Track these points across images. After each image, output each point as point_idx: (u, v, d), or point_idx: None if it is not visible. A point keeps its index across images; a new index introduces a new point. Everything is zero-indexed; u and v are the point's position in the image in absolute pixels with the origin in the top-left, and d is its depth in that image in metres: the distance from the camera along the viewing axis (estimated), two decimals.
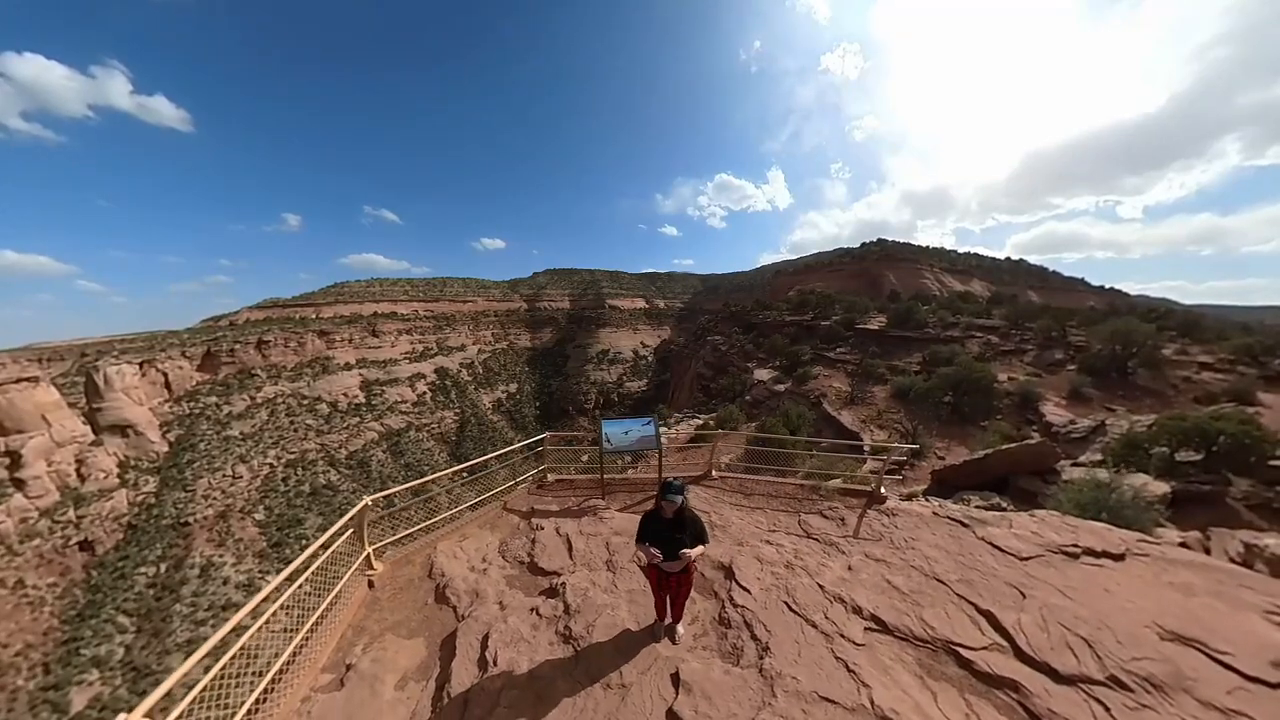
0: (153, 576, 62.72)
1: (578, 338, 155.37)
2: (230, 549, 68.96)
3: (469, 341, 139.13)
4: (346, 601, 6.03)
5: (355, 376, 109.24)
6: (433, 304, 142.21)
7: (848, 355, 39.52)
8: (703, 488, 9.07)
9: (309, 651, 5.17)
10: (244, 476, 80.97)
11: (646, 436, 8.71)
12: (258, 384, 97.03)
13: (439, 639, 5.42)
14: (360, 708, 4.50)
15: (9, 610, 55.86)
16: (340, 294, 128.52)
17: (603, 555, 6.68)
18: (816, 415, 27.94)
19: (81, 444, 74.37)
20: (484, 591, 6.06)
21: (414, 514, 8.00)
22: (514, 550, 7.07)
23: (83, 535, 64.61)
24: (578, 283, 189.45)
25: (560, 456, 10.51)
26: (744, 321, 72.98)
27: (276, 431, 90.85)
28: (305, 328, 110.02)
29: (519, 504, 8.70)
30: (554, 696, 4.28)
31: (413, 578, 6.67)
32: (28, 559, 60.48)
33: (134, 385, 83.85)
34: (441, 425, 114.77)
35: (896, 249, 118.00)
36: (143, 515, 69.63)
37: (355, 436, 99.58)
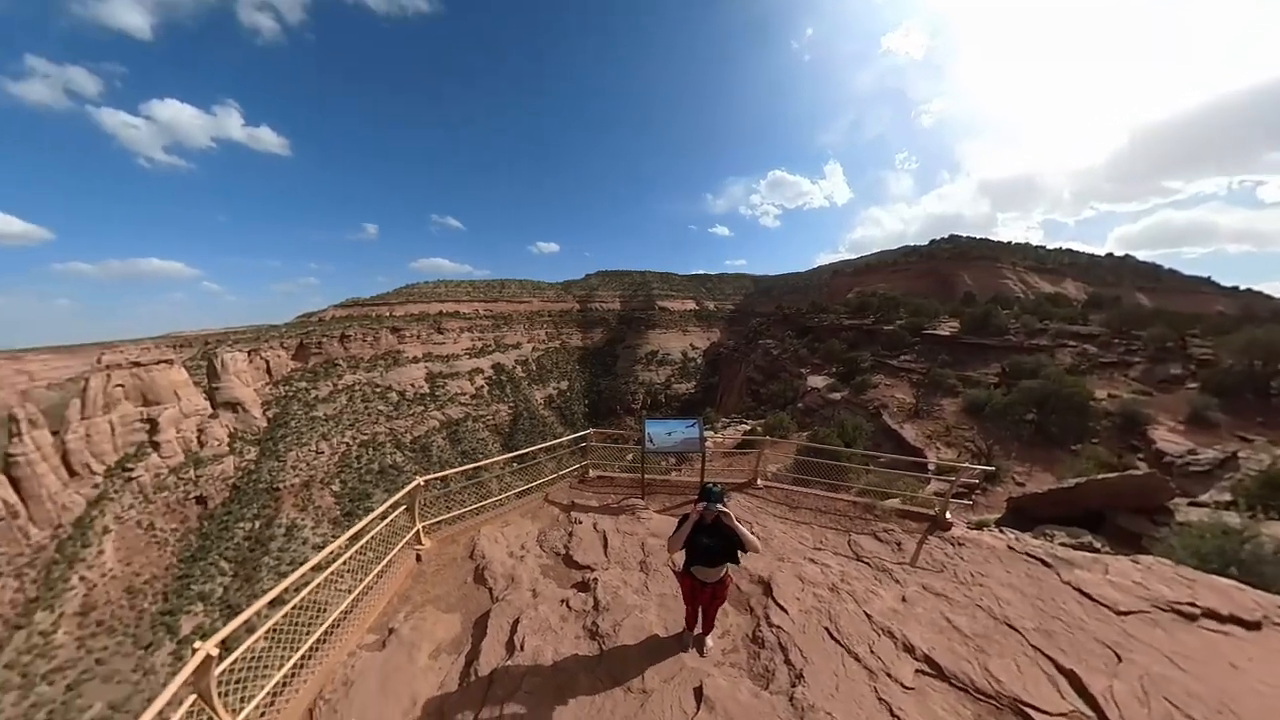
0: (248, 531, 72.27)
1: (627, 338, 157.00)
2: (310, 514, 77.45)
3: (524, 340, 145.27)
4: (396, 571, 6.42)
5: (421, 369, 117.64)
6: (492, 304, 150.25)
7: (913, 363, 36.34)
8: (746, 496, 8.74)
9: (359, 611, 5.60)
10: (325, 452, 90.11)
11: (690, 439, 8.50)
12: (339, 373, 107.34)
13: (473, 617, 5.59)
14: (396, 670, 4.75)
15: (142, 546, 67.02)
16: (411, 294, 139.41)
17: (637, 555, 6.59)
18: (875, 427, 26.09)
19: (202, 416, 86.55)
20: (519, 578, 6.18)
21: (464, 497, 8.38)
22: (551, 541, 7.17)
23: (199, 491, 75.48)
24: (628, 284, 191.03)
25: (604, 453, 10.52)
26: (798, 325, 69.81)
27: (353, 415, 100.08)
28: (380, 324, 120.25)
29: (560, 496, 8.83)
30: (574, 690, 4.26)
31: (456, 556, 6.95)
32: (158, 507, 71.89)
33: (243, 370, 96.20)
34: (496, 417, 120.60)
35: (972, 246, 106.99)
36: (244, 479, 79.92)
37: (419, 423, 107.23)
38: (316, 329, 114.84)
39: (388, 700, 4.40)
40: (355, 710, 4.29)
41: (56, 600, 58.08)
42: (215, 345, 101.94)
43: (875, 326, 51.45)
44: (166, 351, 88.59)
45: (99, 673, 52.51)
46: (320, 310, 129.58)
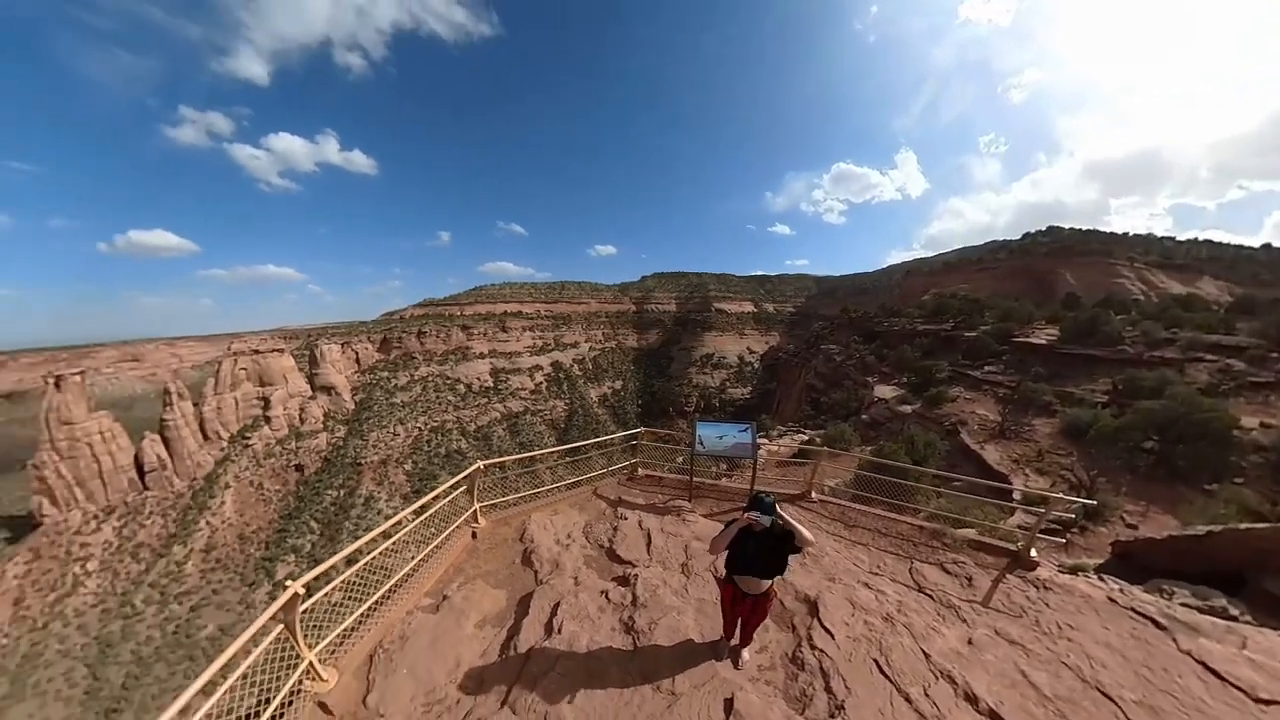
0: (334, 498, 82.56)
1: (683, 340, 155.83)
2: (385, 488, 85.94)
3: (582, 339, 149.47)
4: (453, 545, 6.95)
5: (486, 364, 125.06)
6: (552, 305, 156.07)
7: (1000, 375, 32.50)
8: (799, 509, 8.38)
9: (419, 577, 6.13)
10: (400, 435, 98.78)
11: (742, 444, 8.30)
12: (415, 365, 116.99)
13: (518, 595, 5.86)
14: (445, 633, 5.14)
15: (252, 502, 78.35)
16: (479, 296, 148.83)
17: (679, 557, 6.54)
18: (950, 446, 23.73)
19: (304, 397, 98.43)
20: (563, 564, 6.39)
21: (518, 484, 8.82)
22: (596, 534, 7.33)
23: (298, 461, 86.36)
24: (685, 286, 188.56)
25: (653, 453, 10.52)
26: (865, 329, 65.32)
27: (426, 403, 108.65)
28: (451, 323, 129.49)
29: (608, 491, 8.99)
30: (604, 679, 4.31)
31: (507, 537, 7.34)
32: (266, 470, 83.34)
33: (337, 360, 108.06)
34: (552, 413, 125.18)
35: (1076, 239, 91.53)
36: (334, 453, 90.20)
37: (482, 414, 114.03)
38: (397, 326, 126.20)
39: (436, 658, 4.75)
40: (408, 662, 4.68)
41: (188, 538, 69.25)
42: (316, 338, 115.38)
43: (955, 332, 46.63)
44: (279, 342, 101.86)
45: (214, 600, 62.77)
46: (401, 309, 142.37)
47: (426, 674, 4.57)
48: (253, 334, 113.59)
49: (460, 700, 4.29)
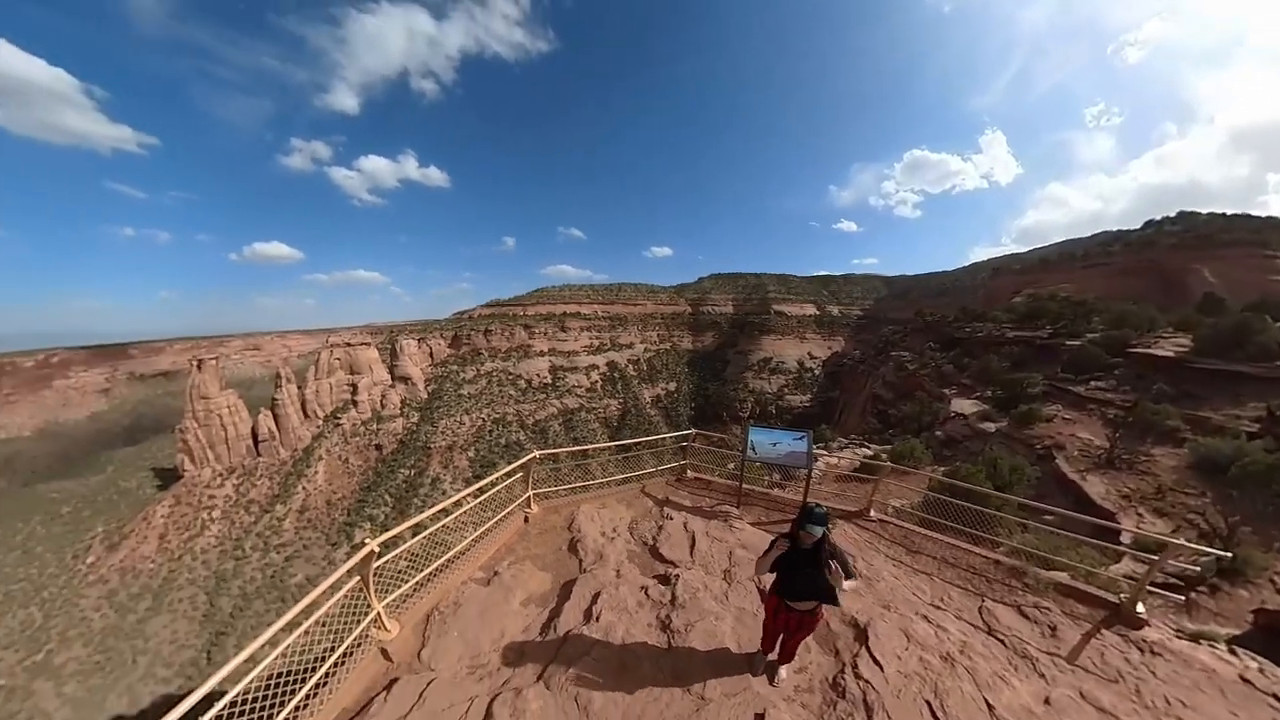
0: (405, 477, 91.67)
1: (739, 343, 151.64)
2: (450, 471, 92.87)
3: (637, 340, 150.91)
4: (507, 527, 7.43)
5: (546, 362, 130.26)
6: (609, 306, 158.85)
7: (1110, 393, 27.59)
8: (856, 527, 7.92)
9: (475, 552, 6.65)
10: (465, 424, 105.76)
11: (796, 452, 7.99)
12: (482, 361, 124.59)
13: (562, 580, 6.10)
14: (494, 606, 5.50)
15: (339, 473, 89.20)
16: (541, 297, 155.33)
17: (723, 563, 6.46)
18: (1042, 473, 20.88)
19: (385, 386, 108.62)
20: (607, 556, 6.55)
21: (570, 476, 9.20)
22: (641, 531, 7.43)
23: (378, 441, 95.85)
24: (742, 287, 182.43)
25: (704, 456, 10.45)
26: (942, 335, 59.41)
27: (489, 396, 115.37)
28: (515, 322, 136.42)
29: (656, 491, 9.06)
30: (636, 673, 4.35)
31: (556, 525, 7.67)
32: (352, 447, 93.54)
33: (414, 353, 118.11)
34: (606, 411, 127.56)
35: (1218, 226, 73.62)
36: (408, 436, 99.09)
37: (540, 409, 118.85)
38: (466, 324, 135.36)
39: (483, 627, 5.13)
40: (459, 626, 5.11)
41: (288, 499, 79.79)
42: (396, 334, 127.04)
43: (1053, 340, 40.71)
44: (366, 337, 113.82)
45: (303, 553, 72.99)
46: (470, 309, 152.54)
47: (474, 639, 4.93)
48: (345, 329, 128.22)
49: (500, 668, 4.56)
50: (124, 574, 64.52)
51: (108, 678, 51.92)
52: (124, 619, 58.56)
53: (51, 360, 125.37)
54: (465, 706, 4.03)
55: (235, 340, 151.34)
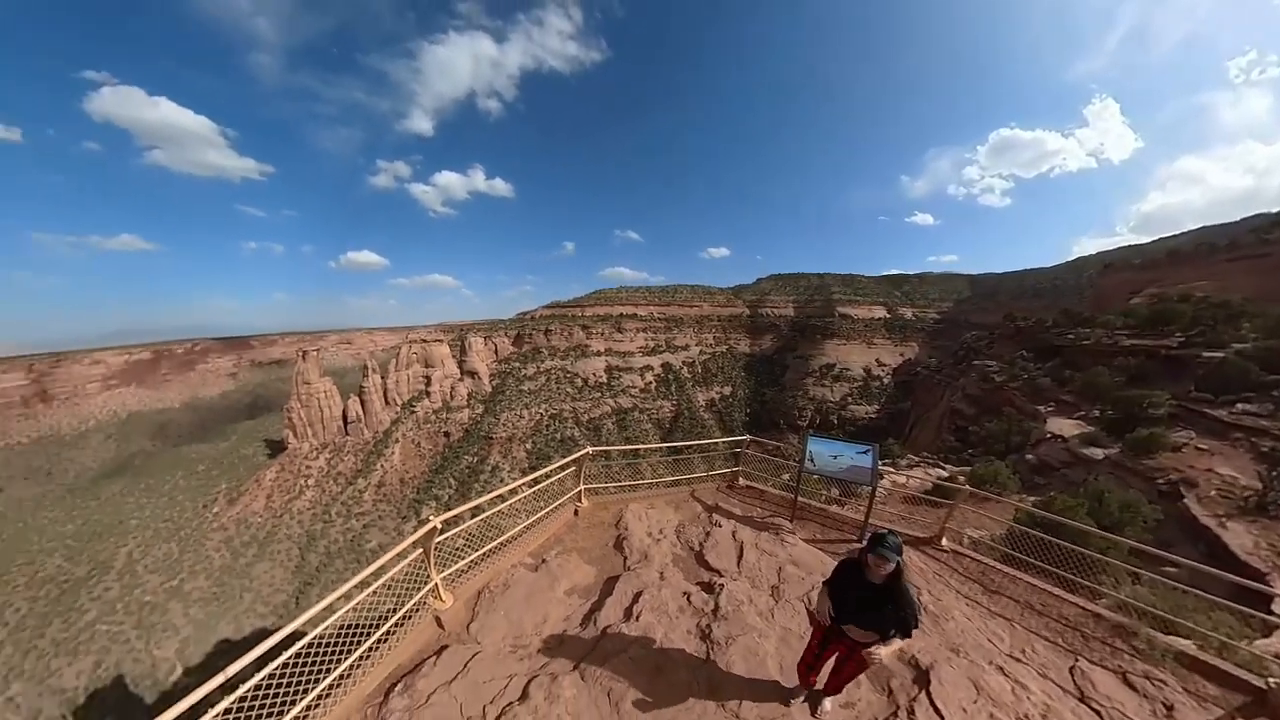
0: (468, 463, 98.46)
1: (799, 347, 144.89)
2: (508, 461, 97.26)
3: (692, 342, 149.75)
4: (557, 518, 7.70)
5: (602, 362, 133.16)
6: (665, 308, 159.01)
7: (1265, 419, 21.92)
8: (924, 556, 7.17)
9: (525, 538, 6.96)
10: (525, 418, 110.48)
11: (859, 468, 7.41)
12: (542, 359, 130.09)
13: (605, 575, 6.21)
14: (539, 591, 5.76)
15: (412, 455, 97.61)
16: (598, 299, 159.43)
17: (771, 578, 6.18)
18: (1165, 514, 16.84)
19: (454, 379, 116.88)
20: (652, 557, 6.56)
21: (620, 474, 9.32)
22: (688, 535, 7.33)
23: (446, 429, 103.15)
24: (803, 288, 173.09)
25: (757, 464, 10.04)
26: (1038, 342, 52.17)
27: (548, 393, 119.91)
28: (573, 322, 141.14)
29: (706, 496, 8.92)
30: (671, 678, 4.31)
31: (604, 521, 7.79)
32: (424, 432, 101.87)
33: (481, 350, 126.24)
34: (659, 413, 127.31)
35: None
36: (473, 426, 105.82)
37: (595, 407, 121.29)
38: (529, 324, 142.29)
39: (528, 610, 5.38)
40: (505, 605, 5.42)
41: (368, 474, 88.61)
42: (465, 332, 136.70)
43: (1186, 351, 33.46)
44: (439, 334, 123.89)
45: (378, 523, 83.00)
46: (532, 310, 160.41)
47: (518, 620, 5.18)
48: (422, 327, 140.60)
49: (540, 651, 4.75)
50: (238, 524, 75.85)
51: (220, 607, 61.62)
52: (236, 561, 68.87)
53: (195, 349, 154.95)
54: (505, 683, 4.25)
55: (332, 335, 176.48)
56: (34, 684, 50.90)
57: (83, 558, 67.42)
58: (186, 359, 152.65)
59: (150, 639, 55.95)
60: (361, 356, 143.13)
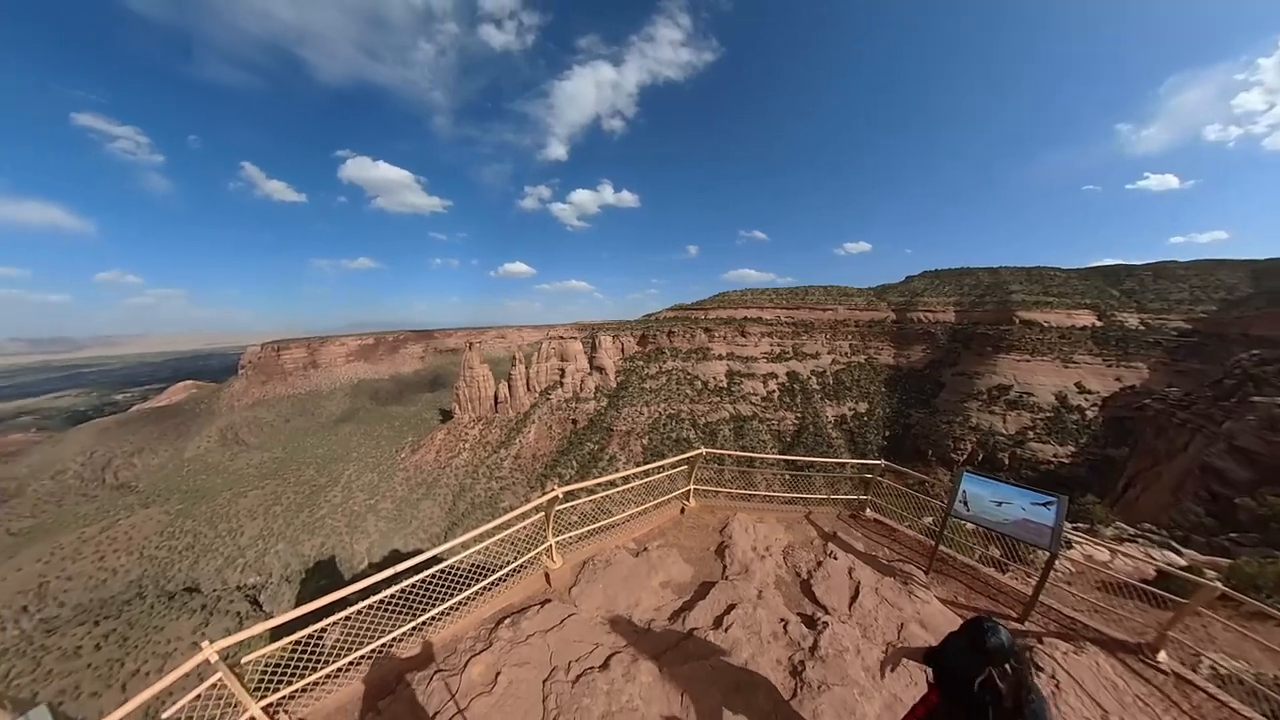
0: (589, 450, 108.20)
1: (961, 362, 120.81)
2: (625, 453, 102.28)
3: (824, 350, 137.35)
4: (664, 512, 7.98)
5: (723, 366, 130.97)
6: (793, 311, 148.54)
7: None
8: (1127, 670, 5.26)
9: (632, 525, 7.41)
10: (644, 415, 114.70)
11: (1035, 524, 5.71)
12: (664, 359, 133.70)
13: (701, 579, 6.21)
14: (636, 576, 6.06)
15: (544, 436, 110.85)
16: (721, 302, 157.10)
17: (888, 632, 5.43)
18: None
19: (584, 373, 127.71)
20: (752, 572, 6.35)
21: (732, 481, 9.13)
22: (796, 560, 6.90)
23: (574, 417, 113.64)
24: (970, 287, 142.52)
25: (891, 497, 8.88)
26: None
27: (668, 393, 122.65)
28: (696, 325, 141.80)
29: (823, 521, 8.29)
30: (749, 700, 4.20)
31: (709, 524, 7.76)
32: (555, 418, 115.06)
33: (609, 348, 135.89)
34: (780, 424, 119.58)
35: None
36: (597, 417, 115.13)
37: (713, 411, 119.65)
38: (653, 325, 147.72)
39: (623, 590, 5.71)
40: (605, 581, 5.85)
41: (508, 447, 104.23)
42: (596, 331, 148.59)
43: None
44: (574, 332, 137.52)
45: (511, 488, 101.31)
46: (657, 312, 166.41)
47: (613, 597, 5.55)
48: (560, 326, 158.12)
49: (627, 631, 4.99)
50: (415, 468, 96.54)
51: (396, 525, 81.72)
52: (410, 495, 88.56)
53: (399, 338, 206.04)
54: (591, 648, 4.63)
55: (491, 331, 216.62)
56: (288, 546, 78.69)
57: (324, 472, 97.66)
58: (393, 344, 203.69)
59: (352, 536, 79.98)
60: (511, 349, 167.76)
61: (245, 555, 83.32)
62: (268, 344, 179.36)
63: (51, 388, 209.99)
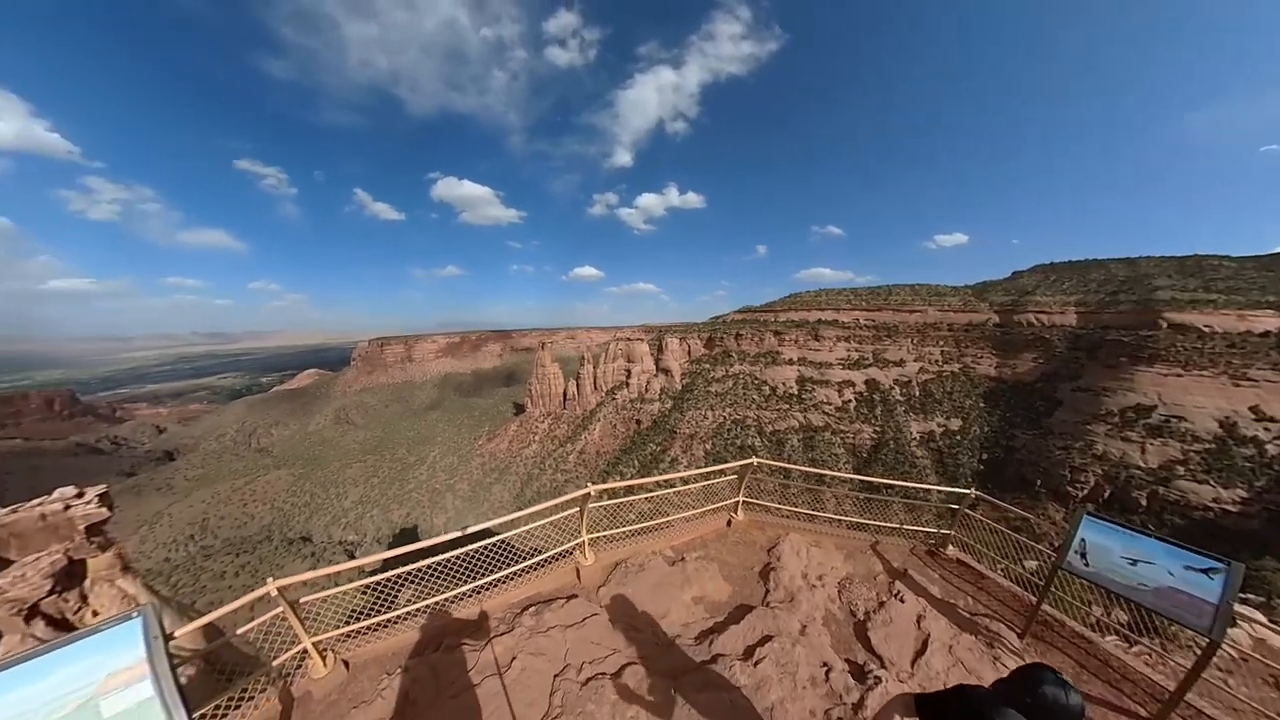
0: (651, 451, 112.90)
1: (1085, 374, 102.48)
2: (686, 457, 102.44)
3: (909, 357, 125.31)
4: (707, 522, 7.63)
5: (794, 371, 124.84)
6: (874, 313, 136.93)
7: None
8: None
9: (671, 531, 7.22)
10: (709, 419, 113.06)
11: (1191, 599, 4.23)
12: (731, 363, 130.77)
13: (739, 600, 5.77)
14: (668, 587, 5.86)
15: (608, 434, 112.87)
16: (793, 303, 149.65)
17: None
18: None
19: (650, 375, 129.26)
20: (799, 603, 5.74)
21: (797, 497, 8.40)
22: (854, 596, 6.07)
23: (638, 417, 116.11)
24: (1098, 283, 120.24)
25: (982, 532, 7.40)
26: None
27: (733, 397, 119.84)
28: (765, 328, 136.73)
29: (892, 555, 7.28)
30: None
31: (756, 541, 7.24)
32: (619, 417, 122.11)
33: (675, 350, 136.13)
34: (856, 438, 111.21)
35: None
36: (660, 419, 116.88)
37: (781, 419, 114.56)
38: (720, 328, 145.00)
39: (653, 599, 5.57)
40: (634, 585, 5.77)
41: (574, 442, 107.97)
42: (663, 333, 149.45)
43: None
44: (640, 334, 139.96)
45: (575, 481, 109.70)
46: (725, 314, 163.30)
47: (640, 604, 5.41)
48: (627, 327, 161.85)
49: (648, 642, 4.80)
50: (490, 456, 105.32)
51: (470, 506, 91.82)
52: (484, 479, 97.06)
53: (481, 337, 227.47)
54: (608, 653, 4.53)
55: (561, 332, 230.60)
56: (380, 513, 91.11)
57: (413, 452, 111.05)
58: (476, 343, 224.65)
59: (432, 510, 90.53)
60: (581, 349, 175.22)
61: (348, 515, 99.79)
62: (373, 340, 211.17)
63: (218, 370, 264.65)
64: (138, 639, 2.67)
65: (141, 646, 2.65)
